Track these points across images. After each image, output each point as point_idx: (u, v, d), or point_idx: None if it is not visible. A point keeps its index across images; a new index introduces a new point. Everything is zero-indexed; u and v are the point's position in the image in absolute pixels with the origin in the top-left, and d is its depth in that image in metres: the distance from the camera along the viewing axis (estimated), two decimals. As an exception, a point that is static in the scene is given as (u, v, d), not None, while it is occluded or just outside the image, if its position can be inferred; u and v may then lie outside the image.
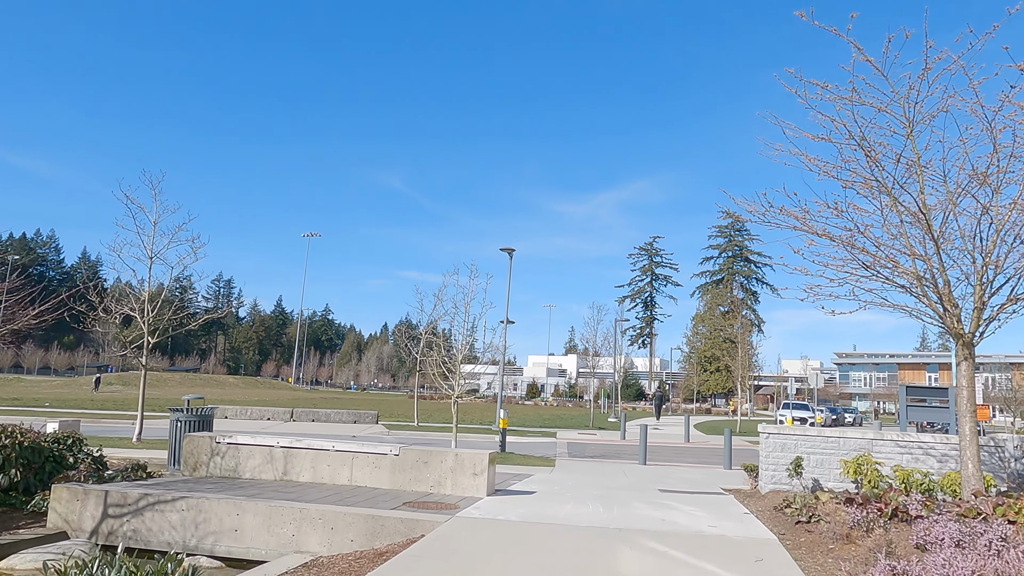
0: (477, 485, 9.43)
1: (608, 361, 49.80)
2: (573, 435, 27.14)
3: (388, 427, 26.95)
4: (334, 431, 24.98)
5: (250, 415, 28.58)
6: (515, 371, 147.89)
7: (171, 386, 79.76)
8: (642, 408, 79.25)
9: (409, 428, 26.80)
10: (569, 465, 15.79)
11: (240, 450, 10.03)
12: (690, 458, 20.14)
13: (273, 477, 9.90)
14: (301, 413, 28.85)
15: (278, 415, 28.72)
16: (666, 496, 10.84)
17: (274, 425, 26.32)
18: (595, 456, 19.44)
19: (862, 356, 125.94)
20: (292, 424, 27.23)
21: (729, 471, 16.25)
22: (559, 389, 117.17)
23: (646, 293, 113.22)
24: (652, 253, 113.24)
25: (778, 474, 11.10)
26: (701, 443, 26.15)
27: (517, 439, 24.69)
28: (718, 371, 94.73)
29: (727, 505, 10.13)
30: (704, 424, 40.19)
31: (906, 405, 16.01)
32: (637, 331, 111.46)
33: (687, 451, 22.54)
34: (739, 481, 13.50)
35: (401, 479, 9.55)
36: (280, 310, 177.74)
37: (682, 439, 26.69)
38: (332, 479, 9.70)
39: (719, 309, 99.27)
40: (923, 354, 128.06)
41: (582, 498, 9.97)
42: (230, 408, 28.98)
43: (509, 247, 27.17)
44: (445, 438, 24.44)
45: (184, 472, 10.21)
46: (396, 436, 24.32)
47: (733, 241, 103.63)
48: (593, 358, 34.02)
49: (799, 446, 11.11)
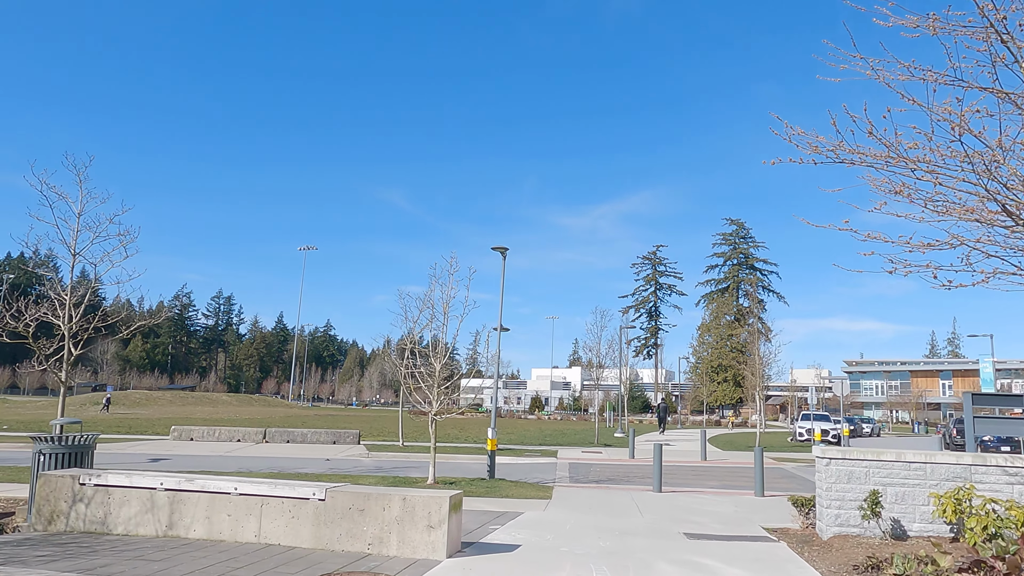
0: (433, 542, 6.65)
1: (613, 373, 46.97)
2: (576, 454, 24.31)
3: (370, 448, 24.15)
4: (306, 454, 22.19)
5: (218, 436, 25.80)
6: (519, 384, 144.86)
7: (159, 405, 76.93)
8: (648, 421, 76.19)
9: (393, 449, 23.99)
10: (569, 496, 12.99)
11: (111, 494, 7.25)
12: (711, 481, 17.32)
13: (154, 531, 7.14)
14: (275, 433, 26.06)
15: (250, 436, 25.92)
16: (696, 545, 8.06)
17: (240, 448, 23.54)
18: (600, 480, 16.62)
19: (872, 364, 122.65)
20: (263, 447, 24.45)
21: (762, 499, 13.43)
22: (563, 402, 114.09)
23: (650, 303, 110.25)
24: (656, 262, 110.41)
25: (845, 512, 8.31)
26: (719, 461, 23.30)
27: (512, 460, 21.88)
28: (725, 381, 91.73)
29: (783, 562, 7.33)
30: (718, 439, 37.27)
31: (972, 417, 13.14)
32: (642, 342, 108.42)
33: (706, 472, 19.71)
34: (783, 516, 10.70)
35: (328, 534, 6.78)
36: (281, 327, 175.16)
37: (698, 456, 23.84)
38: (233, 534, 6.95)
39: (725, 318, 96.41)
40: (936, 361, 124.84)
41: (583, 555, 7.20)
42: (196, 429, 26.18)
43: (501, 246, 24.45)
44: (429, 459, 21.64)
45: (37, 525, 7.45)
46: (375, 459, 21.52)
47: (738, 248, 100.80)
48: (597, 369, 31.20)
49: (871, 475, 8.33)
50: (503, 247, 24.66)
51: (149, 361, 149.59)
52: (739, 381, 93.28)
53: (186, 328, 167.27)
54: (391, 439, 29.30)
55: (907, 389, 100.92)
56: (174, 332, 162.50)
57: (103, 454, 21.22)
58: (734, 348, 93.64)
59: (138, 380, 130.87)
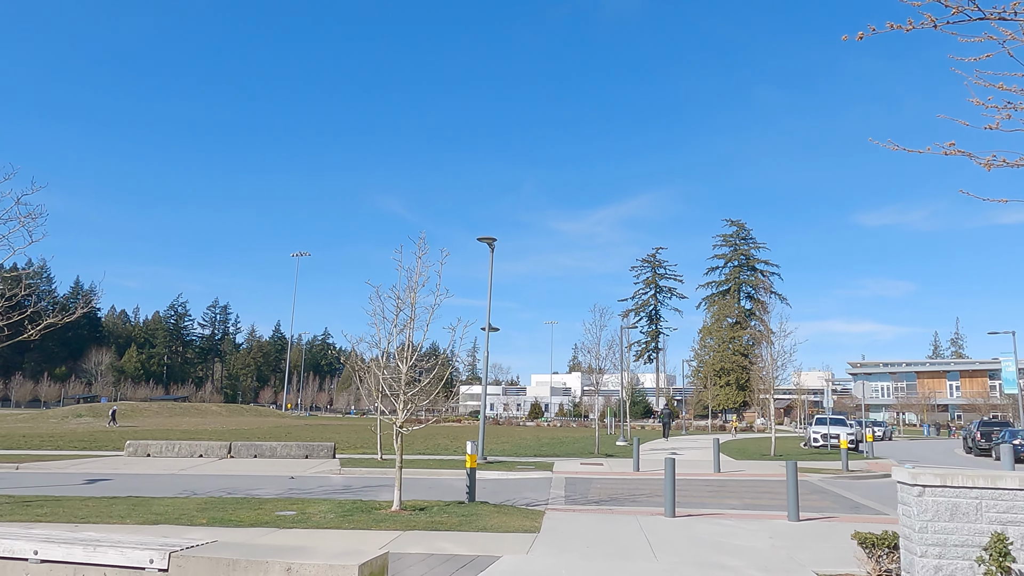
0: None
1: (613, 378, 44.36)
2: (574, 466, 21.84)
3: (345, 463, 21.65)
4: (271, 470, 19.72)
5: (178, 452, 23.29)
6: (518, 391, 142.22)
7: (145, 417, 74.30)
8: (651, 427, 73.61)
9: (370, 464, 21.50)
10: (563, 526, 10.51)
11: None
12: (731, 499, 14.85)
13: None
14: (242, 448, 23.54)
15: (214, 451, 23.41)
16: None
17: (200, 465, 21.04)
18: (601, 501, 14.15)
19: (877, 365, 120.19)
20: (226, 463, 21.97)
21: (798, 525, 10.97)
22: (563, 408, 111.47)
23: (650, 306, 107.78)
24: (655, 265, 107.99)
25: (949, 563, 5.85)
26: (735, 473, 20.82)
27: (501, 476, 19.41)
28: (728, 385, 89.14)
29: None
30: (728, 445, 34.75)
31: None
32: (643, 346, 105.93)
33: (723, 488, 17.22)
34: (838, 555, 8.24)
35: (175, 624, 4.35)
36: (279, 336, 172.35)
37: (710, 467, 21.36)
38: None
39: (727, 321, 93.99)
40: (942, 361, 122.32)
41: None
42: (153, 444, 23.66)
43: (488, 236, 22.07)
44: (415, 476, 19.17)
45: None
46: (347, 475, 19.06)
47: (739, 250, 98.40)
48: (596, 373, 28.69)
49: (984, 510, 5.88)
50: (490, 237, 22.36)
51: (144, 372, 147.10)
52: (742, 384, 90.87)
53: (182, 338, 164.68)
54: (373, 452, 26.82)
55: (913, 391, 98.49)
56: (169, 342, 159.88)
57: (37, 473, 18.73)
58: (736, 351, 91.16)
59: (133, 391, 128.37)
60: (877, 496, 15.98)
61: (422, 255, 12.09)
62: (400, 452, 11.99)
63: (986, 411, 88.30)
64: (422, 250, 12.13)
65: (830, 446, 33.44)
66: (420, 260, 12.07)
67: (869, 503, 14.73)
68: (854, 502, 14.89)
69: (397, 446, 11.99)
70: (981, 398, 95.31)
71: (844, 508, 13.88)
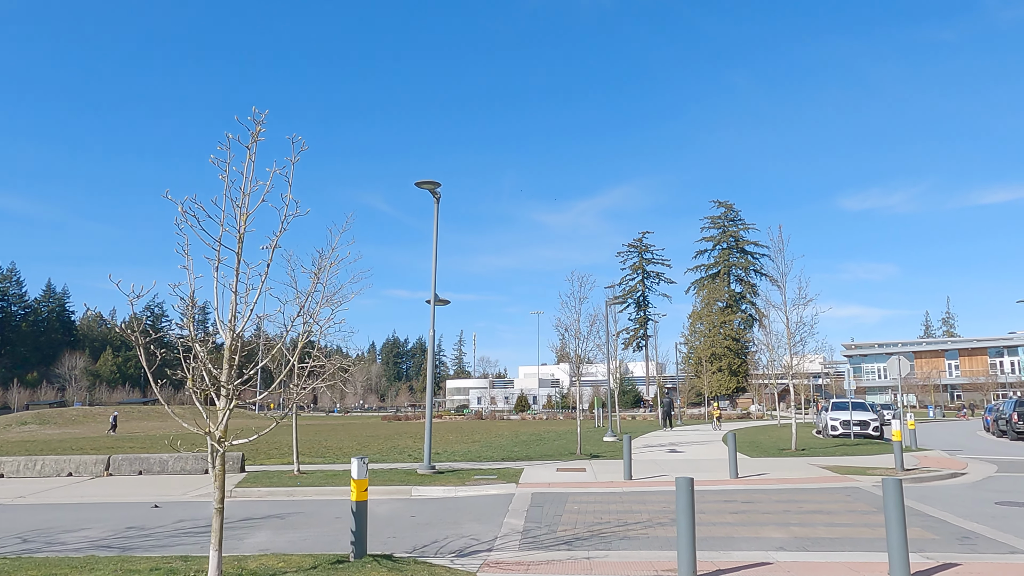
0: None
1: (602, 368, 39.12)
2: (548, 474, 16.83)
3: (251, 478, 16.55)
4: (140, 493, 14.58)
5: (41, 470, 18.08)
6: (506, 384, 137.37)
7: (98, 423, 68.56)
8: (642, 417, 68.87)
9: (281, 478, 16.39)
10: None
11: None
12: (770, 527, 9.85)
13: None
14: (124, 463, 18.34)
15: (88, 467, 18.24)
16: None
17: (61, 486, 15.84)
18: (576, 539, 9.15)
19: (872, 347, 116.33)
20: (99, 482, 16.83)
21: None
22: (551, 400, 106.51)
23: (638, 292, 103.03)
24: (642, 250, 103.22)
25: None
26: (759, 479, 15.86)
27: (446, 493, 14.32)
28: (720, 371, 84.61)
29: None
30: (733, 437, 29.83)
31: None
32: (631, 333, 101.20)
33: (750, 504, 12.25)
34: None
35: None
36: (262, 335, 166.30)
37: (725, 471, 16.46)
38: None
39: (717, 305, 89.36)
40: (938, 341, 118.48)
41: None
42: (9, 461, 18.38)
43: (430, 180, 17.02)
44: (323, 499, 14.12)
45: None
46: (238, 499, 14.00)
47: (727, 232, 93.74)
48: (577, 358, 23.59)
49: None
50: (431, 181, 17.42)
51: (121, 375, 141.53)
52: (735, 370, 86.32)
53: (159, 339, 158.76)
54: (315, 459, 21.77)
55: (911, 372, 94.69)
56: (146, 344, 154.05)
57: None
58: (728, 335, 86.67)
59: (108, 395, 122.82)
60: (968, 511, 11.14)
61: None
62: (222, 483, 6.95)
63: (991, 389, 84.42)
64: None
65: (853, 435, 28.73)
66: (252, 155, 6.99)
67: (977, 528, 9.85)
68: (953, 526, 10.01)
69: (216, 469, 6.95)
70: (983, 376, 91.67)
71: (949, 540, 9.01)
